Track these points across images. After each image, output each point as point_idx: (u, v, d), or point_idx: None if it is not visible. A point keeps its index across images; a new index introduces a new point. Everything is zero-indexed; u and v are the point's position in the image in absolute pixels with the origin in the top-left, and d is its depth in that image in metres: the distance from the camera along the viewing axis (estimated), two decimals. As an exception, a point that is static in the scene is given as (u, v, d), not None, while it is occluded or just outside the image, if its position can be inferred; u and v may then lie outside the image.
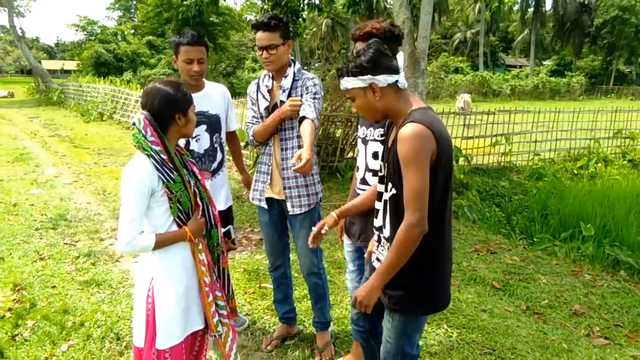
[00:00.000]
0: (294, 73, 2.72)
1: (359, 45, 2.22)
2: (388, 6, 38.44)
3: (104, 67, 28.88)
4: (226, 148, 3.12)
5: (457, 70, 43.26)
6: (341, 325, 3.33)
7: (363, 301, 1.84)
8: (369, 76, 1.77)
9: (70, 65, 47.31)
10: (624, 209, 5.97)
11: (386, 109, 1.83)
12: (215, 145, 2.96)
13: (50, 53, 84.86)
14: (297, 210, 2.75)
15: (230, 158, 3.42)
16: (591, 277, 4.43)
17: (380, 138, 2.38)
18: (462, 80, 37.78)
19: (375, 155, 2.41)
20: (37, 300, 3.68)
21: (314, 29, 45.77)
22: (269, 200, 2.84)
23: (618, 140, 11.40)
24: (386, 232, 1.94)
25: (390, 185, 1.85)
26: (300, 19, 9.33)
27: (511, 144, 9.64)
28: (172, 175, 1.90)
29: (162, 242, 1.93)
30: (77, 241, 5.00)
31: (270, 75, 2.78)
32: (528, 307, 3.75)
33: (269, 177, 2.81)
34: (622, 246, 5.19)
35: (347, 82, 1.83)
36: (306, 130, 2.48)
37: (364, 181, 2.48)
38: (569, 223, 5.92)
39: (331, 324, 3.17)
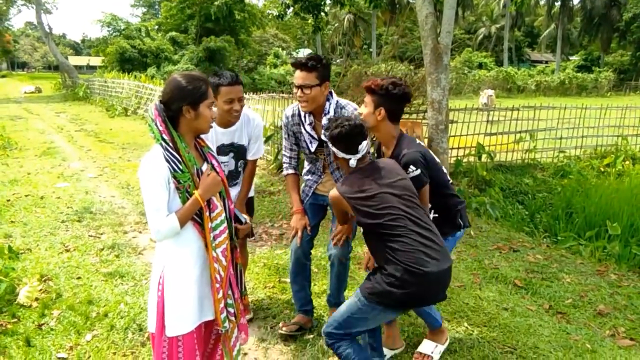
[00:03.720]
0: (334, 109, 2.78)
1: (367, 98, 2.59)
2: (411, 1, 38.10)
3: (129, 63, 29.13)
4: None
5: (480, 66, 42.68)
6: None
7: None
8: (331, 146, 2.39)
9: (96, 61, 48.13)
10: (653, 207, 5.81)
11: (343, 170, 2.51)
12: (240, 169, 3.15)
13: (77, 49, 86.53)
14: None
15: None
16: (617, 276, 4.33)
17: None
18: (485, 75, 37.26)
19: None
20: (62, 290, 3.77)
21: (335, 25, 45.65)
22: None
23: (647, 137, 11.10)
24: None
25: None
26: (322, 14, 9.31)
27: (535, 141, 9.46)
28: (179, 166, 1.91)
29: (183, 216, 1.94)
30: (101, 234, 5.10)
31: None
32: (551, 307, 3.69)
33: (320, 178, 3.04)
34: (650, 246, 5.06)
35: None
36: None
37: None
38: (594, 222, 5.79)
39: None
